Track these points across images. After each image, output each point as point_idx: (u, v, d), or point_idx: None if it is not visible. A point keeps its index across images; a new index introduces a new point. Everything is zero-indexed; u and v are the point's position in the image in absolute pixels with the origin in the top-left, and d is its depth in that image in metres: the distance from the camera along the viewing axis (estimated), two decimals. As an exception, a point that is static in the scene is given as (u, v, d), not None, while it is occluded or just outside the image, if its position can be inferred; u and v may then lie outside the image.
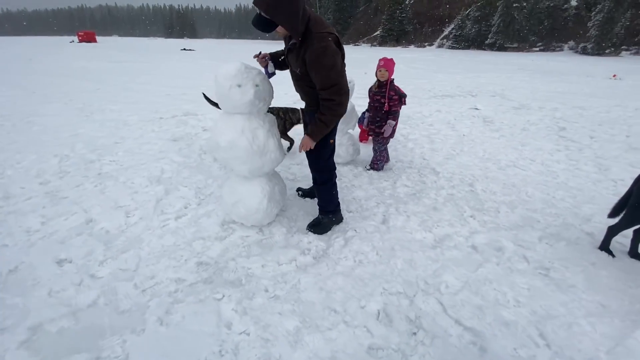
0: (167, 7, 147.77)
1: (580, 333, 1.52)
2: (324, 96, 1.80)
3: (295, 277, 1.84)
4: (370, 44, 51.11)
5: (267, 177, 2.22)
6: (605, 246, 2.13)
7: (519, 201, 2.80)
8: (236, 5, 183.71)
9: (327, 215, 2.30)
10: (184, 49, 27.74)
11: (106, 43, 37.33)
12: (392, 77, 3.05)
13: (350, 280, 1.81)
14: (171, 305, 1.61)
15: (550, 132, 5.02)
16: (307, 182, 3.06)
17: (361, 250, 2.07)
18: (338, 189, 2.33)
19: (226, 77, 1.88)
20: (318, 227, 2.26)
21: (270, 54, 2.15)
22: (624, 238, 2.14)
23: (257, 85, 1.92)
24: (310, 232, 2.25)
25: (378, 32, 51.24)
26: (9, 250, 2.00)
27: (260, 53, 2.09)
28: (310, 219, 2.38)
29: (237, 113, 2.00)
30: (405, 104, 3.12)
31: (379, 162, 3.32)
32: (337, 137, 3.38)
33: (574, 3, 37.17)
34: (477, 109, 6.53)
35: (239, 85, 1.88)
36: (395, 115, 3.10)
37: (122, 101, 6.33)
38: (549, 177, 3.34)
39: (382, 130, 3.13)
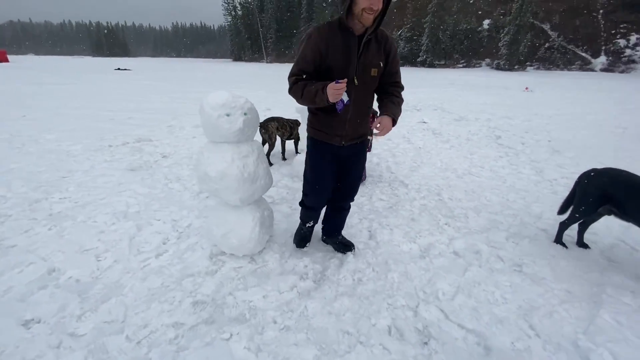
0: (94, 24, 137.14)
1: (560, 320, 1.74)
2: (400, 84, 1.95)
3: (301, 304, 1.82)
4: (313, 62, 52.81)
5: (255, 203, 2.18)
6: (559, 240, 2.47)
7: (481, 206, 3.11)
8: (172, 23, 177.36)
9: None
10: (119, 69, 25.93)
11: (21, 62, 33.25)
12: None
13: (356, 300, 1.85)
14: (176, 354, 1.49)
15: (490, 140, 5.67)
16: (288, 204, 3.05)
17: (358, 269, 2.12)
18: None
19: (214, 107, 1.84)
20: (347, 244, 2.31)
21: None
22: (571, 231, 2.50)
23: (245, 114, 1.91)
24: (302, 255, 2.24)
25: (320, 51, 53.28)
26: (-47, 318, 1.67)
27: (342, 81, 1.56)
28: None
29: (224, 142, 1.96)
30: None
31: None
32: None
33: (486, 26, 42.79)
34: (425, 122, 7.12)
35: (228, 115, 1.85)
36: None
37: (57, 129, 5.68)
38: (499, 181, 3.77)
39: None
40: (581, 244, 2.46)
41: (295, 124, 4.29)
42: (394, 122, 1.73)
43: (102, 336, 1.58)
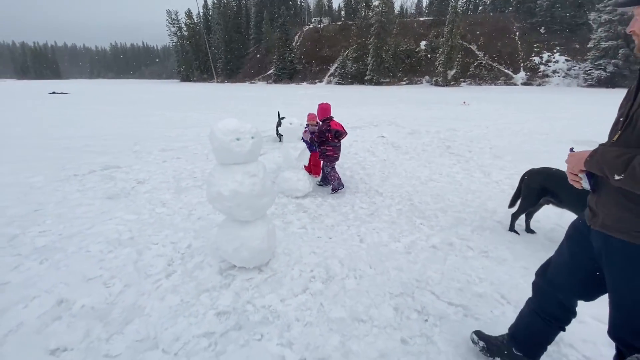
0: (18, 45, 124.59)
1: (523, 289, 2.18)
2: None
3: (316, 302, 2.05)
4: (266, 82, 53.41)
5: (262, 218, 2.38)
6: (512, 228, 3.01)
7: (446, 207, 3.61)
8: (111, 43, 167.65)
9: None
10: (54, 92, 23.91)
11: None
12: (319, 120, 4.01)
13: (362, 293, 2.13)
14: (216, 358, 1.63)
15: (442, 150, 6.41)
16: (280, 218, 3.26)
17: (358, 268, 2.41)
18: (308, 221, 2.66)
19: (225, 133, 2.05)
20: None
21: None
22: (520, 221, 3.05)
23: (252, 137, 2.15)
24: (306, 261, 2.47)
25: (272, 71, 54.14)
26: (-35, 359, 1.63)
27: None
28: (296, 250, 2.62)
29: (233, 164, 2.16)
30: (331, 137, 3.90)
31: (333, 181, 3.92)
32: (294, 174, 3.74)
33: (422, 47, 47.17)
34: (383, 136, 7.77)
35: (238, 139, 2.08)
36: (328, 144, 3.90)
37: (7, 160, 5.25)
38: (456, 185, 4.35)
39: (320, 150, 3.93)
40: (529, 230, 3.02)
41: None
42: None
43: (138, 353, 1.66)
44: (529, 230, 3.02)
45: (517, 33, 43.42)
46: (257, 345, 1.72)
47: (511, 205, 3.04)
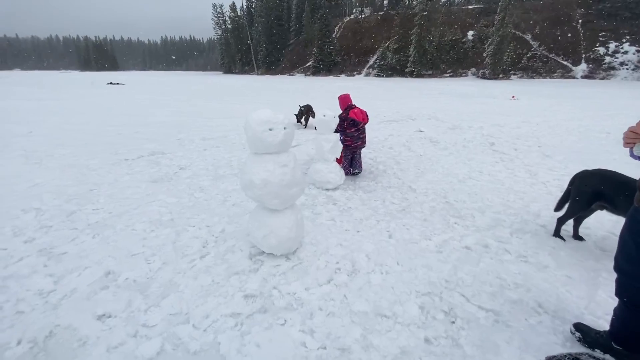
0: (82, 39, 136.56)
1: (564, 299, 2.02)
2: None
3: (340, 293, 2.06)
4: (304, 74, 53.67)
5: (291, 207, 2.43)
6: (557, 233, 2.77)
7: (484, 207, 3.41)
8: (162, 37, 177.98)
9: None
10: (111, 83, 26.00)
11: (8, 78, 33.03)
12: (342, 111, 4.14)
13: (387, 289, 2.10)
14: (242, 338, 1.71)
15: (485, 147, 6.05)
16: (309, 209, 3.30)
17: (385, 263, 2.38)
18: (337, 213, 2.71)
19: (259, 123, 2.10)
20: None
21: None
22: (567, 226, 2.81)
23: (285, 128, 2.18)
24: (332, 253, 2.49)
25: (310, 63, 54.22)
26: (29, 316, 1.86)
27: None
28: (323, 241, 2.63)
29: (265, 153, 2.22)
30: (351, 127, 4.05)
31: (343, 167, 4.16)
32: (325, 166, 3.76)
33: (470, 37, 44.42)
34: (421, 131, 7.50)
35: (271, 129, 2.12)
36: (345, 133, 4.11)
37: (69, 144, 5.84)
38: (498, 184, 4.10)
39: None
40: (577, 237, 2.77)
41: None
42: None
43: (172, 326, 1.79)
44: (577, 237, 2.77)
45: (580, 20, 39.22)
46: (280, 329, 1.77)
47: (558, 208, 2.80)
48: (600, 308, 1.92)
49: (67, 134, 6.78)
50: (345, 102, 4.15)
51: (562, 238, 2.75)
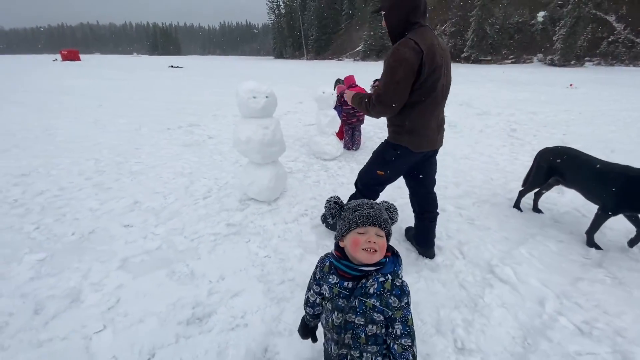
0: (151, 25, 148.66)
1: (485, 250, 2.34)
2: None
3: (298, 228, 2.60)
4: (353, 59, 53.10)
5: (272, 163, 2.99)
6: (517, 205, 2.99)
7: (463, 181, 3.65)
8: (220, 22, 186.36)
9: None
10: (172, 66, 28.48)
11: (90, 61, 37.69)
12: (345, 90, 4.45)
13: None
14: (215, 245, 2.35)
15: (503, 133, 6.00)
16: (302, 173, 3.84)
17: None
18: (324, 177, 3.17)
19: (245, 91, 2.67)
20: None
21: None
22: (530, 199, 3.00)
23: (267, 97, 2.71)
24: (305, 203, 3.02)
25: (360, 48, 53.38)
26: (82, 222, 2.68)
27: None
28: (301, 194, 3.16)
29: (251, 117, 2.78)
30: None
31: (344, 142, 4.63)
32: (323, 138, 4.23)
33: (540, 19, 40.08)
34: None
35: (254, 97, 2.67)
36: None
37: (127, 115, 7.00)
38: (492, 165, 4.24)
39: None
40: (536, 209, 2.96)
41: None
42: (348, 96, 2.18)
43: (170, 235, 2.49)
44: (536, 209, 2.95)
45: (681, -2, 33.26)
46: (243, 244, 2.38)
47: (524, 183, 2.99)
48: (511, 258, 2.22)
49: (128, 107, 8.04)
50: (349, 81, 4.54)
51: (520, 209, 2.96)
